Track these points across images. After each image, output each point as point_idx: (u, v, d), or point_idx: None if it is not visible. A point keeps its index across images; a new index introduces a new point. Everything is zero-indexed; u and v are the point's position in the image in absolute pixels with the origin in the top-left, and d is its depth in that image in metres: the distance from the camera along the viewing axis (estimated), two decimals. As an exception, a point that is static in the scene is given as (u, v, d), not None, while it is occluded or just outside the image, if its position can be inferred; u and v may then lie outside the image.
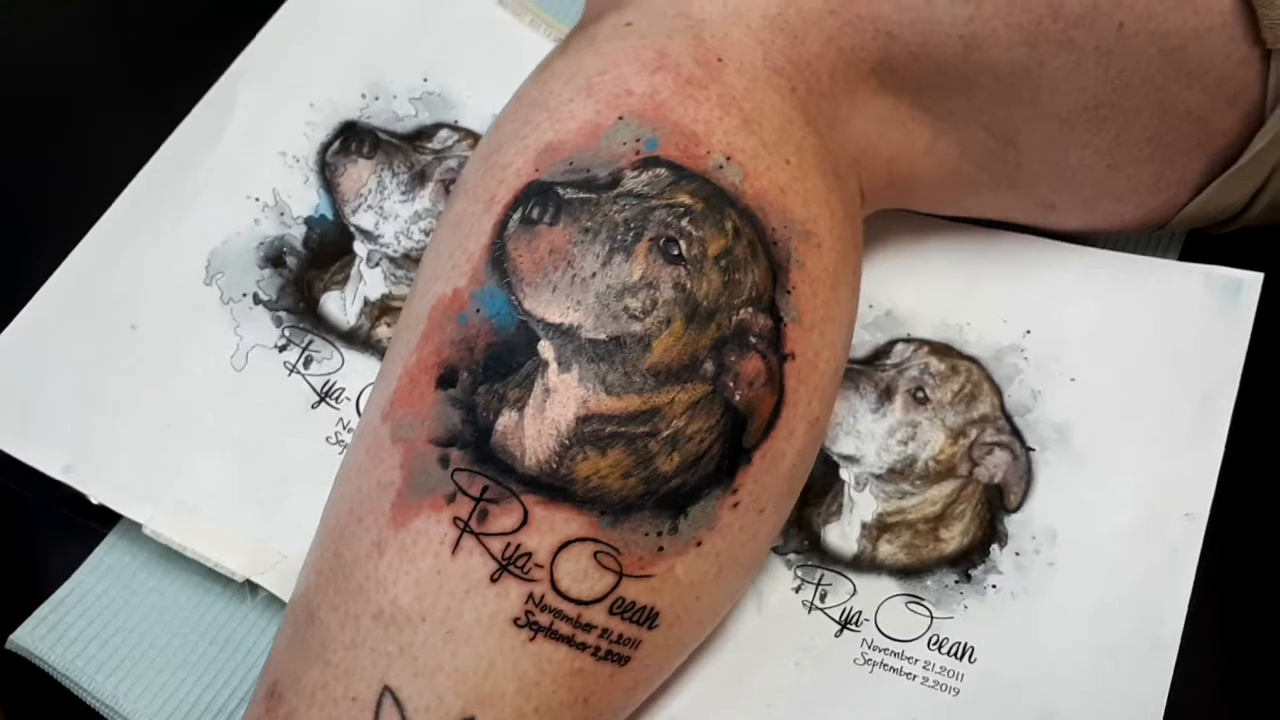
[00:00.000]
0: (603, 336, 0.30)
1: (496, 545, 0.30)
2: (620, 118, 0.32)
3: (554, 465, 0.30)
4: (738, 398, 0.31)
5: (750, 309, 0.31)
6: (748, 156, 0.32)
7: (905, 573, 0.39)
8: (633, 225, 0.31)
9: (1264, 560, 0.40)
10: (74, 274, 0.40)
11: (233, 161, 0.42)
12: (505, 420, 0.30)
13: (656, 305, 0.30)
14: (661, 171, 0.31)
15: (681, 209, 0.31)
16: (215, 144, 0.42)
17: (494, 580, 0.30)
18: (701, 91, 0.33)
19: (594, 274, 0.30)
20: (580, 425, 0.30)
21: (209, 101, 0.43)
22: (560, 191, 0.31)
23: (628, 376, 0.30)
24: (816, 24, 0.34)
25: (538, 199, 0.31)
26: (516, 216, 0.31)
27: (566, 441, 0.30)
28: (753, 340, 0.31)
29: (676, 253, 0.31)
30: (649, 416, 0.30)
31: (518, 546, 0.30)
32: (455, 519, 0.30)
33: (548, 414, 0.30)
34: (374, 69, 0.45)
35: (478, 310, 0.31)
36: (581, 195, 0.31)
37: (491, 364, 0.30)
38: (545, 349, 0.30)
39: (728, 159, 0.32)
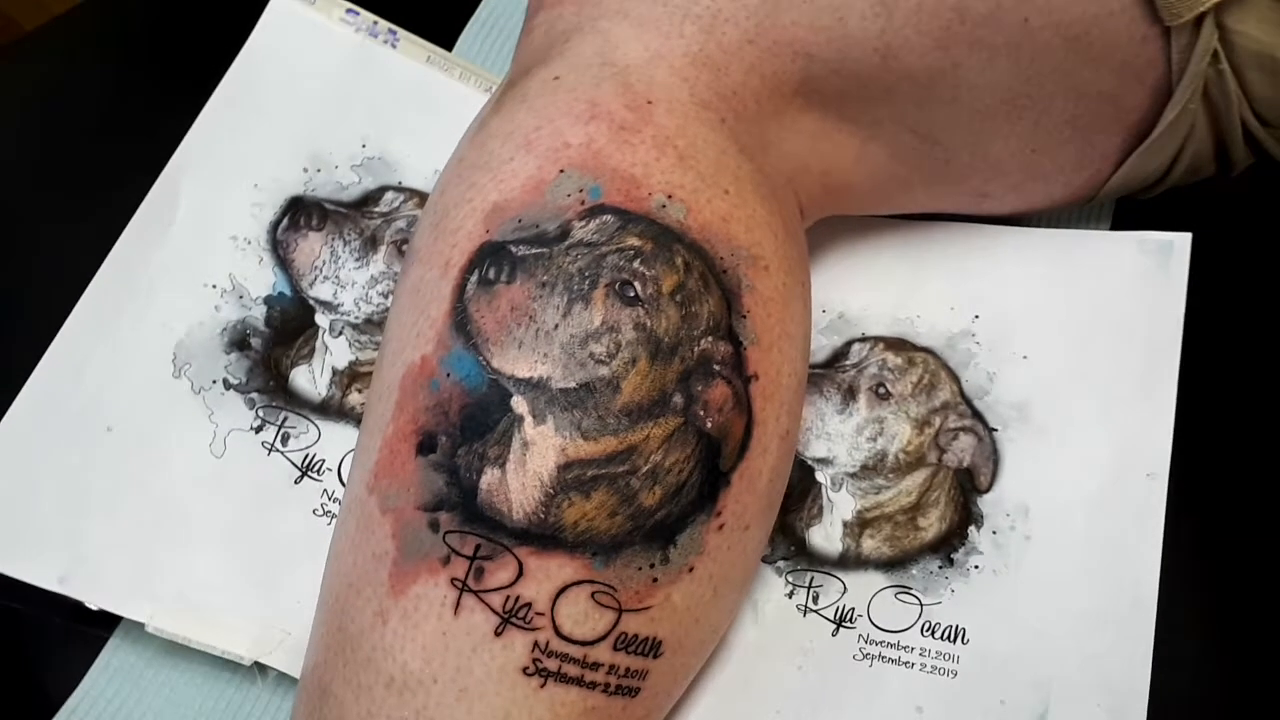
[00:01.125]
0: (573, 384, 0.31)
1: (496, 600, 0.31)
2: (561, 170, 0.33)
3: (542, 515, 0.31)
4: (709, 425, 0.32)
5: (710, 338, 0.32)
6: (688, 192, 0.33)
7: (890, 565, 0.40)
8: (587, 274, 0.32)
9: (1229, 514, 0.42)
10: (43, 385, 0.40)
11: (185, 253, 0.43)
12: (489, 478, 0.31)
13: (620, 347, 0.31)
14: (608, 218, 0.32)
15: (632, 252, 0.32)
16: (165, 239, 0.43)
17: (498, 634, 0.31)
18: (635, 135, 0.34)
19: (556, 325, 0.31)
20: (562, 473, 0.31)
21: (153, 199, 0.43)
22: (513, 250, 0.32)
23: (601, 419, 0.31)
24: (737, 55, 0.36)
25: (492, 259, 0.32)
26: (473, 279, 0.32)
27: (551, 490, 0.31)
28: (716, 368, 0.32)
29: (633, 294, 0.32)
30: (627, 455, 0.31)
31: (517, 598, 0.31)
32: (453, 580, 0.31)
33: (529, 466, 0.31)
34: (312, 142, 0.46)
35: (448, 374, 0.32)
36: (534, 251, 0.32)
37: (468, 425, 0.31)
38: (519, 404, 0.31)
39: (669, 197, 0.33)
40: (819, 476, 0.42)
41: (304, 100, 0.47)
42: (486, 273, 0.32)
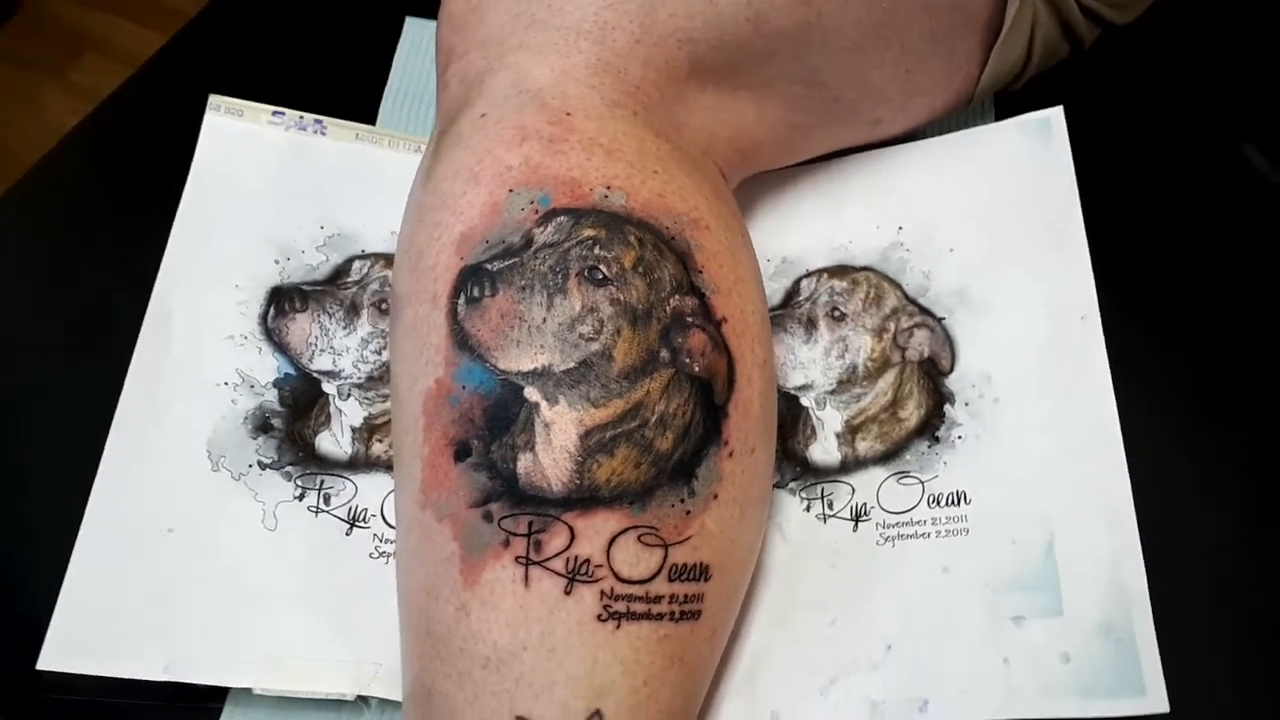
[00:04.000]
0: (572, 364, 0.35)
1: (558, 564, 0.35)
2: (510, 190, 0.37)
3: (577, 481, 0.35)
4: (697, 369, 0.36)
5: (677, 296, 0.37)
6: (623, 180, 0.38)
7: (886, 457, 0.45)
8: (558, 269, 0.36)
9: (1159, 332, 0.47)
10: (102, 505, 0.43)
11: (192, 361, 0.47)
12: (524, 463, 0.35)
13: (604, 323, 0.36)
14: (562, 219, 0.37)
15: (590, 241, 0.36)
16: (170, 354, 0.47)
17: (568, 593, 0.34)
18: (564, 144, 0.38)
19: (544, 319, 0.36)
20: (584, 441, 0.35)
21: (150, 322, 0.47)
22: (488, 267, 0.36)
23: (605, 387, 0.35)
24: (630, 55, 0.40)
25: (473, 280, 0.37)
26: (461, 301, 0.36)
27: (579, 458, 0.35)
28: (689, 319, 0.37)
29: (601, 276, 0.36)
30: (635, 411, 0.35)
31: (576, 558, 0.35)
32: (517, 558, 0.35)
33: (555, 443, 0.35)
34: (276, 235, 0.50)
35: (463, 387, 0.36)
36: (507, 263, 0.36)
37: (493, 424, 0.35)
38: (531, 393, 0.35)
39: (609, 188, 0.38)
40: (804, 401, 0.47)
41: (257, 202, 0.51)
42: (471, 292, 0.36)
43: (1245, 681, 0.40)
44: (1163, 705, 0.36)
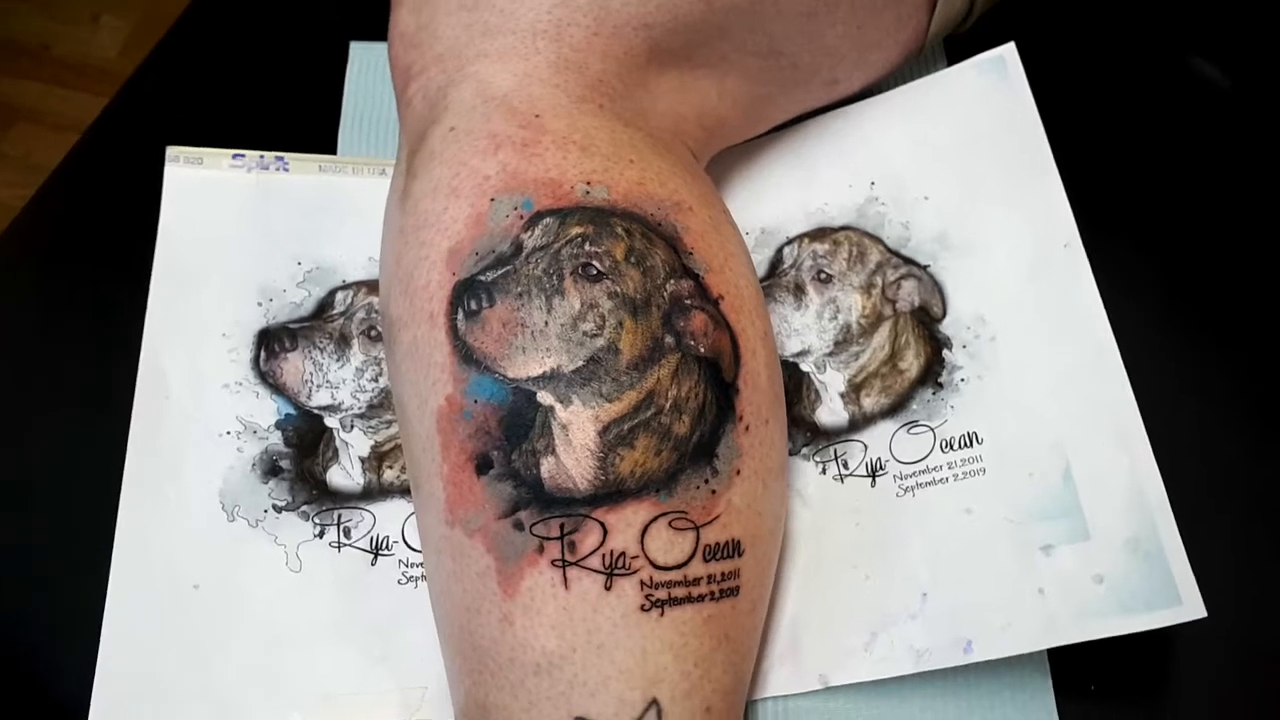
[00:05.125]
0: (580, 363, 0.36)
1: (595, 561, 0.35)
2: (491, 200, 0.37)
3: (602, 477, 0.35)
4: (702, 350, 0.37)
5: (672, 281, 0.37)
6: (601, 173, 0.38)
7: (893, 410, 0.45)
8: (551, 271, 0.36)
9: (1142, 256, 0.48)
10: (124, 570, 0.43)
11: (192, 415, 0.46)
12: (547, 466, 0.35)
13: (605, 318, 0.36)
14: (548, 221, 0.37)
15: (579, 238, 0.37)
16: (169, 411, 0.46)
17: (608, 588, 0.35)
18: (538, 146, 0.38)
19: (546, 322, 0.36)
20: (603, 436, 0.35)
21: (144, 382, 0.47)
22: (482, 279, 0.36)
23: (616, 381, 0.36)
24: (589, 50, 0.40)
25: (468, 293, 0.37)
26: (459, 316, 0.36)
27: (601, 454, 0.35)
28: (688, 302, 0.37)
29: (595, 271, 0.36)
30: (649, 400, 0.36)
31: (611, 552, 0.35)
32: (553, 561, 0.35)
33: (575, 442, 0.35)
34: (254, 278, 0.50)
35: (474, 401, 0.36)
36: (500, 272, 0.36)
37: (510, 433, 0.35)
38: (544, 397, 0.35)
39: (589, 184, 0.38)
40: (804, 367, 0.47)
41: (231, 247, 0.50)
42: (468, 306, 0.36)
43: (1275, 578, 0.41)
44: (1200, 611, 0.37)
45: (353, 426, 0.48)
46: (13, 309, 0.54)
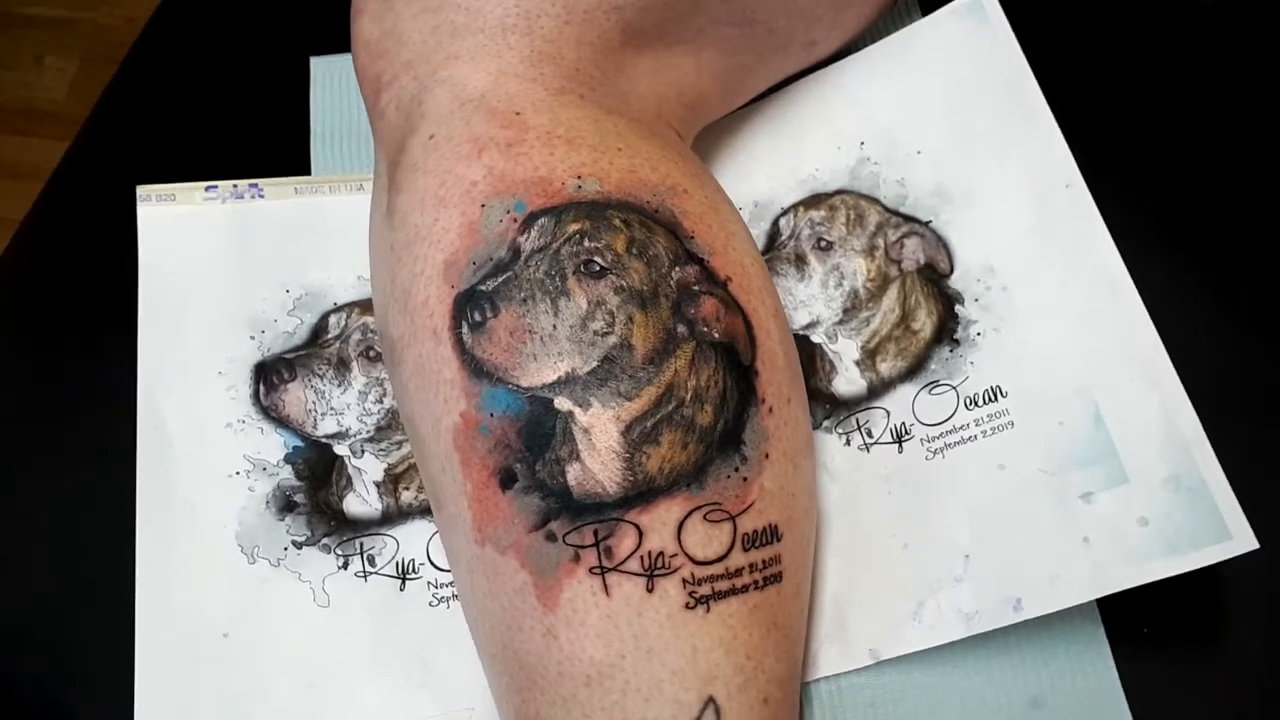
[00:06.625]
0: (595, 364, 0.34)
1: (634, 565, 0.34)
2: (482, 206, 0.36)
3: (631, 478, 0.34)
4: (716, 335, 0.36)
5: (677, 268, 0.36)
6: (591, 166, 0.37)
7: (911, 372, 0.44)
8: (554, 272, 0.35)
9: (1144, 187, 0.47)
10: (150, 622, 0.42)
11: (198, 460, 0.45)
12: (573, 473, 0.34)
13: (614, 314, 0.35)
14: (543, 221, 0.36)
15: (577, 235, 0.35)
16: (173, 457, 0.45)
17: (650, 590, 0.34)
18: (523, 145, 0.37)
19: (554, 326, 0.35)
20: (627, 436, 0.34)
21: (144, 429, 0.45)
22: (483, 288, 0.35)
23: (633, 378, 0.34)
24: (561, 39, 0.39)
25: (470, 304, 0.35)
26: (464, 329, 0.35)
27: (627, 455, 0.34)
28: (696, 288, 0.36)
29: (598, 268, 0.35)
30: (669, 394, 0.35)
31: (649, 553, 0.34)
32: (591, 569, 0.34)
33: (599, 446, 0.34)
34: (243, 311, 0.48)
35: (490, 415, 0.35)
36: (500, 279, 0.35)
37: (531, 443, 0.34)
38: (562, 403, 0.34)
39: (580, 178, 0.36)
40: (815, 339, 0.46)
41: (215, 282, 0.49)
42: (472, 317, 0.35)
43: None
44: (1251, 543, 0.36)
45: (363, 452, 0.46)
46: (8, 369, 0.52)
